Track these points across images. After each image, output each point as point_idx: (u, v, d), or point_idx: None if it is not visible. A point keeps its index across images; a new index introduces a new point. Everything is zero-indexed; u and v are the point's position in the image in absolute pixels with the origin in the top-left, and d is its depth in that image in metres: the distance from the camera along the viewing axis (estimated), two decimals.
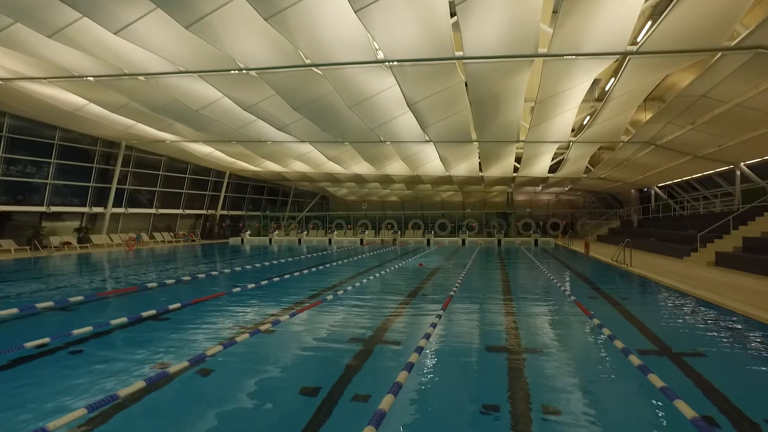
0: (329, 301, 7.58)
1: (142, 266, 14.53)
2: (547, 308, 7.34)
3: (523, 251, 20.20)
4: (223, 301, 7.66)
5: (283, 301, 7.70)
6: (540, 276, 11.07)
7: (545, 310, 7.23)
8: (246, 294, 8.40)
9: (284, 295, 8.32)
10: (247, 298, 8.03)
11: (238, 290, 8.67)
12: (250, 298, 8.05)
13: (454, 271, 12.02)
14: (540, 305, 7.57)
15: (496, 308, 7.15)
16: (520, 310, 7.05)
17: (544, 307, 7.41)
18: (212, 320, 6.36)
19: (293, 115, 16.38)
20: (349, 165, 25.15)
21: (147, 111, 16.79)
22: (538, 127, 17.03)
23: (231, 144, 22.27)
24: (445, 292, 8.27)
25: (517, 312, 6.86)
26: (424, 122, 16.16)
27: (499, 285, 9.35)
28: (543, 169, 25.29)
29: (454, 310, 6.95)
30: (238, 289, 8.68)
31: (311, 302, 7.41)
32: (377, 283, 9.57)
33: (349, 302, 7.54)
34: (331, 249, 22.78)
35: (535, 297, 8.33)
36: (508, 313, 6.77)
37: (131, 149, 24.04)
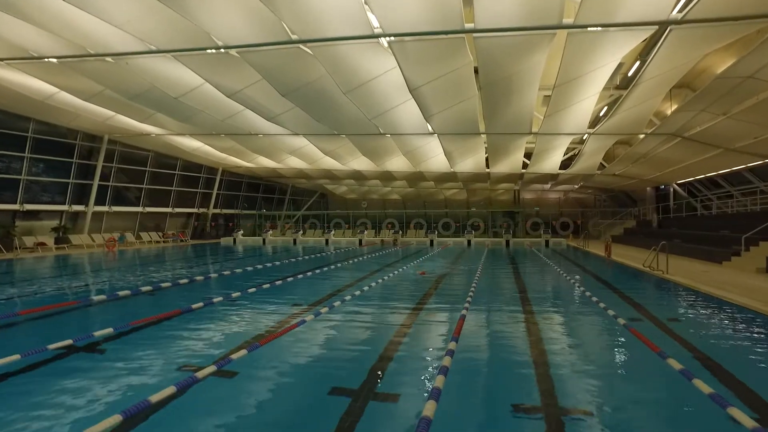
0: (307, 323, 6.03)
1: (111, 271, 13.03)
2: (593, 338, 5.71)
3: (535, 254, 18.60)
4: (175, 325, 6.12)
5: (254, 326, 6.16)
6: (566, 286, 9.42)
7: (592, 340, 5.57)
8: (205, 317, 6.76)
9: (258, 316, 6.77)
10: (207, 320, 6.45)
11: (200, 307, 7.12)
12: (210, 320, 6.48)
13: (462, 280, 10.42)
14: (582, 333, 5.91)
15: (520, 340, 5.41)
16: (557, 341, 5.37)
17: (590, 336, 5.78)
18: (152, 356, 4.81)
19: (283, 104, 14.85)
20: (347, 160, 23.61)
21: (123, 100, 15.28)
22: (553, 117, 15.45)
23: (220, 138, 20.76)
24: (455, 311, 6.69)
25: (553, 345, 5.19)
26: (427, 111, 14.60)
27: (520, 301, 7.72)
28: (554, 165, 23.71)
29: (468, 345, 5.11)
30: (200, 305, 7.12)
31: (283, 328, 5.86)
32: (371, 297, 8.01)
33: (329, 328, 5.99)
34: (328, 250, 21.26)
35: (572, 320, 6.62)
36: (539, 347, 5.08)
37: (115, 144, 22.56)
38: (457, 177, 27.13)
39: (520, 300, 7.85)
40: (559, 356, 4.73)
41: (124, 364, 4.44)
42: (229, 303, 7.51)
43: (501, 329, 5.93)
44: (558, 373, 4.19)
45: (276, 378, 4.14)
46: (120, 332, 5.49)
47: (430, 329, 5.91)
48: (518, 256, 17.82)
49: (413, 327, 5.86)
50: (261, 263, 14.31)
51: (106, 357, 4.70)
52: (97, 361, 4.59)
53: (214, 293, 8.29)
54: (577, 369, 4.37)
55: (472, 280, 9.68)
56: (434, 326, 6.06)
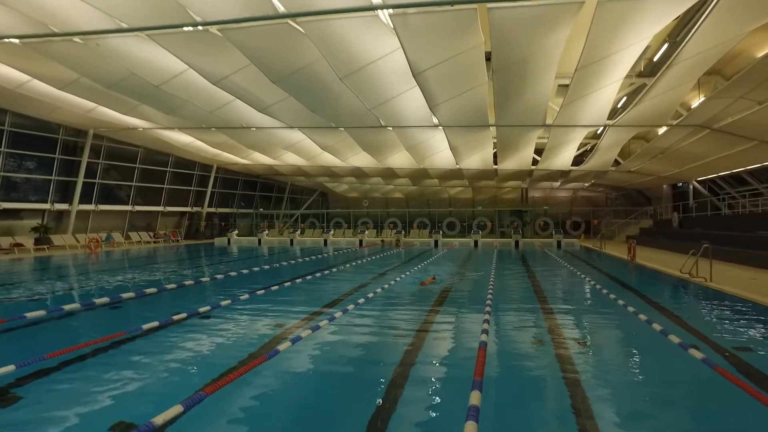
0: (279, 355, 4.71)
1: (80, 277, 11.80)
2: (673, 380, 4.24)
3: (549, 256, 17.18)
4: (115, 359, 4.83)
5: (216, 361, 4.87)
6: (602, 301, 7.74)
7: (682, 396, 3.95)
8: (159, 342, 5.40)
9: (224, 345, 5.46)
10: (158, 350, 5.14)
11: (152, 329, 5.80)
12: (162, 350, 5.17)
13: (474, 290, 9.07)
14: (658, 375, 4.35)
15: (565, 384, 4.01)
16: (621, 394, 3.84)
17: (669, 378, 4.30)
18: (67, 409, 3.52)
19: (274, 93, 13.58)
20: (346, 156, 22.32)
21: (102, 89, 14.04)
22: (571, 107, 14.13)
23: (211, 132, 19.50)
24: (471, 341, 5.33)
25: (618, 401, 3.79)
26: (432, 100, 13.29)
27: (555, 324, 6.08)
28: (566, 161, 22.36)
29: (498, 399, 3.66)
30: (153, 326, 5.78)
31: (244, 366, 4.57)
32: (364, 316, 6.67)
33: (310, 360, 4.70)
34: (325, 252, 19.98)
35: (630, 351, 5.18)
36: (590, 402, 3.75)
37: (101, 138, 21.34)
38: (463, 174, 25.80)
39: (548, 317, 6.52)
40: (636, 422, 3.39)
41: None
42: (196, 322, 6.23)
43: (536, 365, 4.60)
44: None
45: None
46: (33, 370, 4.16)
47: (442, 366, 4.59)
48: (531, 258, 16.47)
49: (417, 367, 4.52)
50: (249, 267, 13.03)
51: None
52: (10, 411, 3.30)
53: (183, 307, 7.01)
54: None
55: (486, 291, 8.33)
56: (448, 363, 4.73)
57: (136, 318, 6.49)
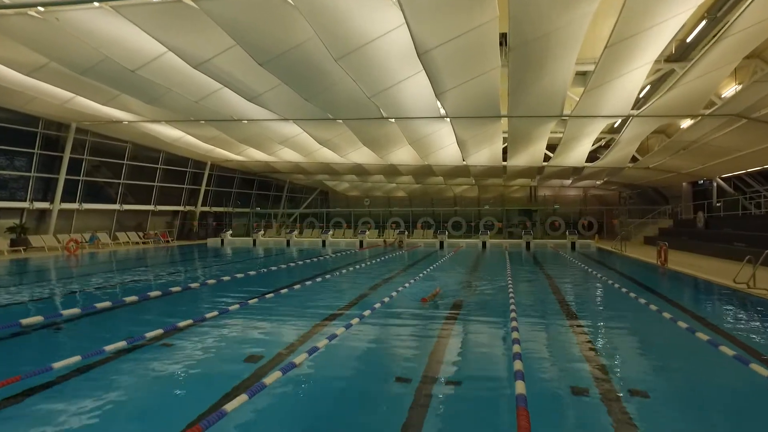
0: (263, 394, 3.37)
1: (41, 284, 10.51)
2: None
3: (569, 260, 15.63)
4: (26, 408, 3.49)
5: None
6: (669, 330, 5.90)
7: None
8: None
9: (164, 395, 4.12)
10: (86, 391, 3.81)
11: (81, 368, 4.47)
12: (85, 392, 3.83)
13: (491, 305, 7.61)
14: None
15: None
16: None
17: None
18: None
19: (264, 79, 12.27)
20: (346, 152, 20.96)
21: (75, 75, 12.71)
22: (593, 94, 12.74)
23: (201, 125, 18.20)
24: (500, 387, 3.94)
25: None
26: (439, 85, 11.92)
27: (614, 367, 4.52)
28: (580, 157, 20.93)
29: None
30: (74, 360, 4.44)
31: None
32: (353, 348, 5.29)
33: (280, 412, 3.34)
34: (323, 255, 18.64)
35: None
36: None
37: (85, 133, 20.07)
38: (470, 171, 24.41)
39: (591, 354, 5.13)
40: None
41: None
42: (147, 353, 4.88)
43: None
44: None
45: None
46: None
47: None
48: (548, 262, 15.03)
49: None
50: (232, 274, 11.68)
51: None
52: None
53: (141, 327, 5.68)
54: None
55: (508, 307, 6.92)
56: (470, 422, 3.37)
57: (66, 347, 5.15)
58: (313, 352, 4.48)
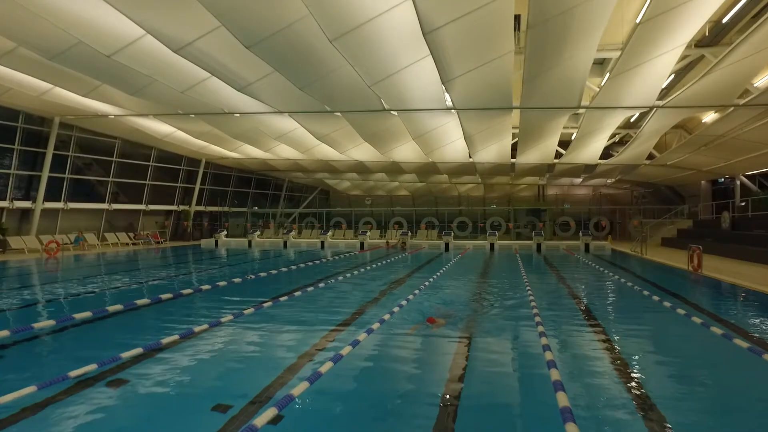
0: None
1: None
2: None
3: (587, 264, 14.36)
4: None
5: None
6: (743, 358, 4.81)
7: None
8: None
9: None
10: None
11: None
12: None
13: (517, 330, 6.06)
14: None
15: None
16: None
17: None
18: None
19: (254, 66, 11.14)
20: (346, 148, 19.82)
21: (49, 63, 11.62)
22: (616, 82, 11.57)
23: (191, 120, 17.10)
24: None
25: None
26: (446, 71, 10.76)
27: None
28: (594, 154, 19.73)
29: None
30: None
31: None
32: (344, 393, 4.13)
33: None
34: (320, 257, 17.53)
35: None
36: None
37: (70, 128, 19.01)
38: (476, 169, 23.24)
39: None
40: None
41: None
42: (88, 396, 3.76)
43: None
44: None
45: None
46: None
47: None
48: (566, 268, 13.79)
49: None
50: (214, 282, 10.57)
51: None
52: None
53: (83, 357, 4.56)
54: None
55: (538, 335, 5.61)
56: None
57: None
58: (285, 405, 3.32)
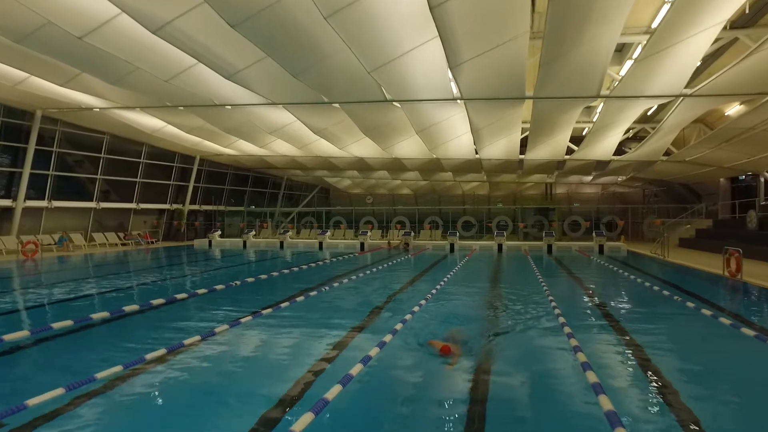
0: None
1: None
2: None
3: (608, 268, 13.14)
4: None
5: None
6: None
7: None
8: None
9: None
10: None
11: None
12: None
13: (553, 359, 4.83)
14: None
15: None
16: None
17: None
18: None
19: (243, 50, 10.11)
20: (346, 143, 18.77)
21: (16, 47, 10.60)
22: (642, 67, 10.48)
23: (180, 113, 16.08)
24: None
25: None
26: (455, 54, 9.68)
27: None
28: (608, 150, 18.62)
29: None
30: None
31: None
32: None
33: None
34: (318, 259, 16.49)
35: None
36: None
37: (54, 123, 18.00)
38: (482, 166, 22.14)
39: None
40: None
41: None
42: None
43: None
44: None
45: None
46: None
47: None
48: (585, 272, 12.69)
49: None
50: (192, 290, 9.54)
51: None
52: None
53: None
54: None
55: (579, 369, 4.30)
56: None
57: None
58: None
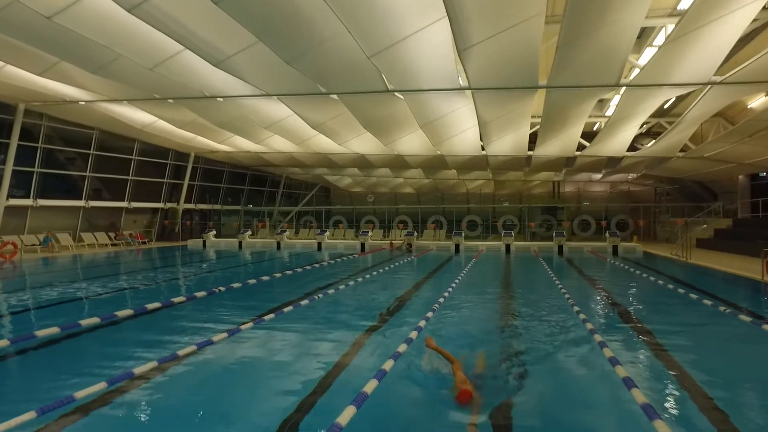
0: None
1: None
2: None
3: (631, 271, 12.08)
4: None
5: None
6: None
7: None
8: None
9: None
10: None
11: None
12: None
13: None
14: None
15: None
16: None
17: None
18: None
19: (231, 33, 9.19)
20: (345, 139, 17.83)
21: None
22: (667, 51, 9.50)
23: (170, 106, 15.20)
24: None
25: None
26: (464, 36, 8.73)
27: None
28: (622, 145, 17.66)
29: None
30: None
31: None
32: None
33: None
34: (315, 261, 15.57)
35: None
36: None
37: (39, 117, 17.13)
38: (488, 163, 21.21)
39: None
40: None
41: None
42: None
43: None
44: None
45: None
46: None
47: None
48: (608, 276, 11.70)
49: None
50: (168, 298, 8.63)
51: None
52: None
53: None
54: None
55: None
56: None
57: None
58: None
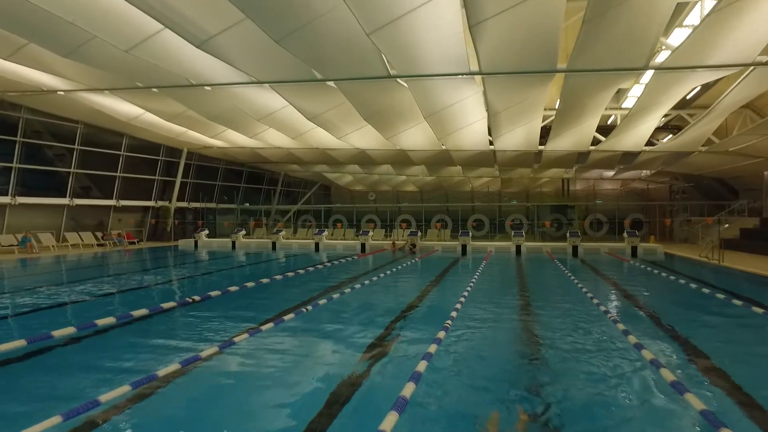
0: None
1: None
2: None
3: (666, 278, 10.64)
4: None
5: None
6: None
7: None
8: None
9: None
10: None
11: None
12: None
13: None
14: None
15: None
16: None
17: None
18: None
19: (213, 7, 8.09)
20: (344, 132, 16.71)
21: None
22: (706, 29, 8.35)
23: (155, 96, 14.12)
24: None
25: None
26: (476, 8, 7.59)
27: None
28: (641, 138, 16.51)
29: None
30: None
31: None
32: None
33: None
34: (311, 263, 14.46)
35: None
36: None
37: (18, 109, 16.09)
38: (496, 159, 20.06)
39: None
40: None
41: None
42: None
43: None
44: None
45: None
46: None
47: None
48: (635, 281, 10.48)
49: None
50: (151, 306, 7.53)
51: None
52: None
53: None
54: None
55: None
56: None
57: None
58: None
